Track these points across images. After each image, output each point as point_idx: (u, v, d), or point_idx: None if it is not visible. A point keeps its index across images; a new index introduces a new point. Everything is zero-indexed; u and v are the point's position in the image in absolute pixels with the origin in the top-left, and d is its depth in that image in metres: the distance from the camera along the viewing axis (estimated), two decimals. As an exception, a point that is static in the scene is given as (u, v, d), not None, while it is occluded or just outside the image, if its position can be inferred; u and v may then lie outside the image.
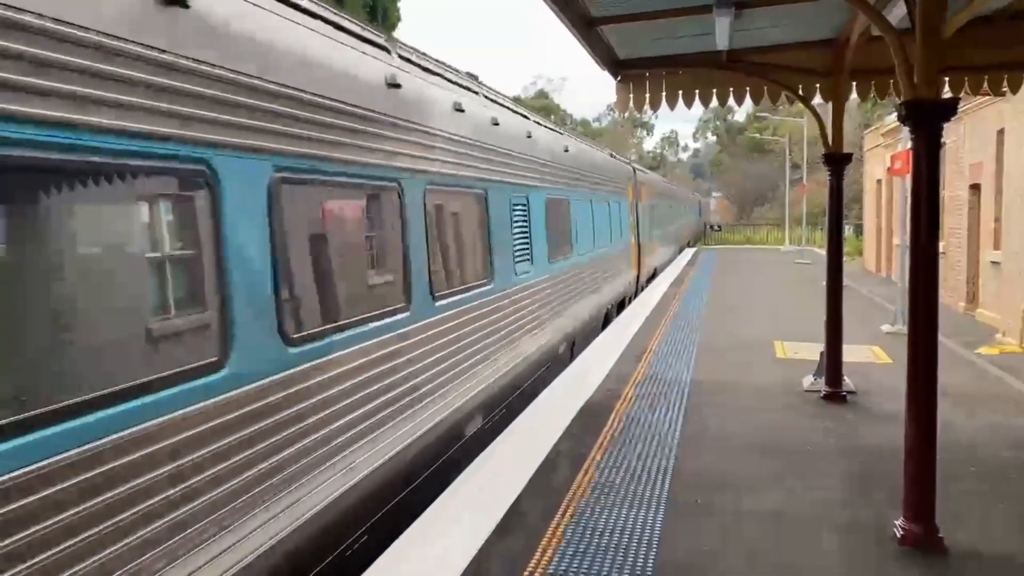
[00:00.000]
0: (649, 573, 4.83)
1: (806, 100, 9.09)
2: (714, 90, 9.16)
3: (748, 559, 5.06)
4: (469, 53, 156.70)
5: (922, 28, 4.94)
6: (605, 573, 4.84)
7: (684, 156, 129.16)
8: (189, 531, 3.55)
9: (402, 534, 5.36)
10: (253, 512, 4.03)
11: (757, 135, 70.22)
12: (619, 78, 9.35)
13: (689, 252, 39.17)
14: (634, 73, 9.31)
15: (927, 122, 4.98)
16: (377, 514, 5.52)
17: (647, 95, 9.33)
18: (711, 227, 58.36)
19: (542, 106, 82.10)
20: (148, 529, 3.30)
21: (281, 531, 4.25)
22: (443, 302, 6.92)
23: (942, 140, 5.20)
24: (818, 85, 8.96)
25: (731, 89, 9.16)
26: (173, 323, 3.75)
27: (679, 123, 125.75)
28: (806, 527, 5.55)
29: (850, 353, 10.84)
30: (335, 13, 5.38)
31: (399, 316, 6.00)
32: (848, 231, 44.93)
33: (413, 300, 6.25)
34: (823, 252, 19.65)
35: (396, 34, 36.62)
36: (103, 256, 3.44)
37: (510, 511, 5.80)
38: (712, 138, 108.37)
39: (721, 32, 7.39)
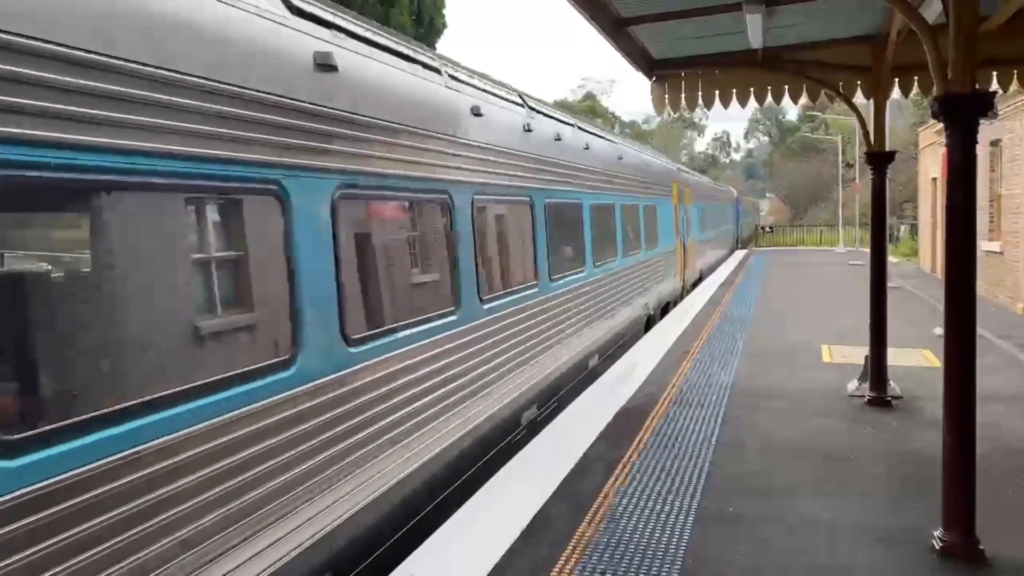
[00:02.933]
0: (675, 581, 4.74)
1: (847, 98, 8.88)
2: (751, 89, 9.01)
3: (779, 569, 4.94)
4: (515, 56, 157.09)
5: (956, 22, 4.78)
6: (630, 581, 4.77)
7: (737, 157, 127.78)
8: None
9: (432, 534, 5.38)
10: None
11: (809, 134, 69.02)
12: (654, 78, 9.26)
13: (740, 254, 38.63)
14: (669, 73, 9.21)
15: (962, 117, 4.81)
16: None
17: (682, 95, 9.22)
18: (762, 228, 57.44)
19: (588, 108, 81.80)
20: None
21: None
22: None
23: (999, 138, 5.03)
24: (859, 82, 8.75)
25: (768, 88, 9.00)
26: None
27: (730, 123, 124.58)
28: (842, 536, 5.40)
29: (899, 357, 10.58)
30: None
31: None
32: (904, 231, 43.92)
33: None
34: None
35: (442, 41, 36.87)
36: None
37: (538, 515, 5.76)
38: (764, 138, 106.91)
39: (754, 30, 7.26)
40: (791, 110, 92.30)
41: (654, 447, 7.43)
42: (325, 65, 4.79)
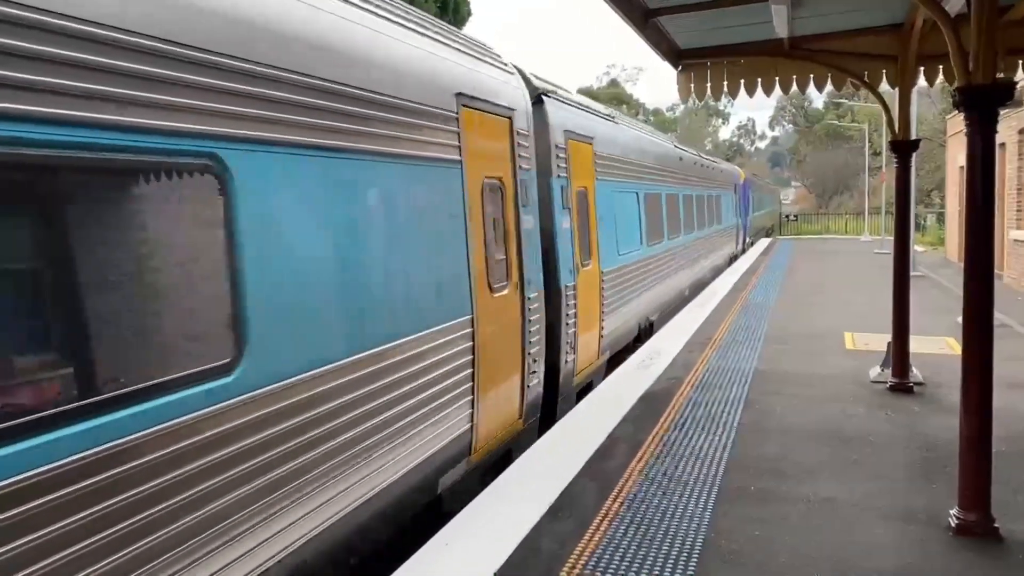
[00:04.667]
0: (696, 558, 4.93)
1: (872, 87, 8.96)
2: (776, 78, 9.08)
3: (799, 546, 5.10)
4: (540, 43, 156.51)
5: (978, 13, 4.88)
6: (652, 557, 4.96)
7: (762, 145, 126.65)
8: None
9: (458, 513, 5.60)
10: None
11: (835, 122, 68.37)
12: (680, 68, 9.37)
13: (754, 253, 38.44)
14: (695, 62, 9.31)
15: (981, 107, 4.92)
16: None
17: (708, 84, 9.32)
18: (786, 217, 57.06)
19: (613, 96, 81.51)
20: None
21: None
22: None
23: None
24: (884, 71, 8.81)
25: (794, 76, 9.07)
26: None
27: (756, 111, 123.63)
28: (861, 516, 5.55)
29: (923, 344, 10.66)
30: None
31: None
32: (931, 220, 43.56)
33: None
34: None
35: (466, 29, 36.93)
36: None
37: (564, 493, 5.96)
38: (790, 126, 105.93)
39: (779, 20, 7.37)
40: (817, 97, 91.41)
41: (677, 429, 7.60)
42: None
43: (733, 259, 28.95)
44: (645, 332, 13.29)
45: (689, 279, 18.64)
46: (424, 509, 5.85)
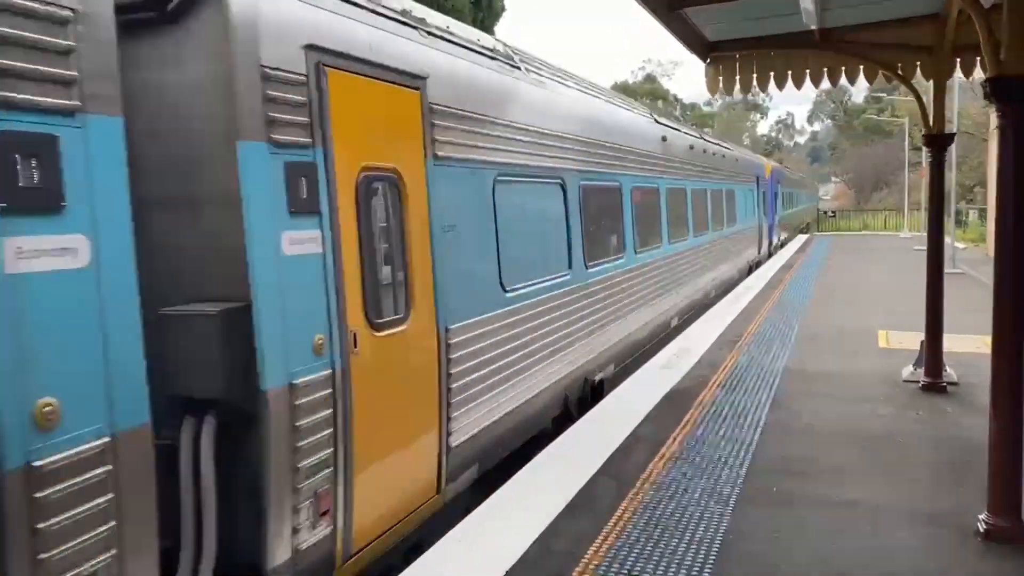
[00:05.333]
0: (712, 560, 4.83)
1: (905, 79, 8.74)
2: (807, 71, 8.91)
3: (819, 550, 4.98)
4: (574, 38, 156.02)
5: (1010, 2, 4.71)
6: (668, 559, 4.87)
7: (801, 140, 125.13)
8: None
9: (478, 507, 5.56)
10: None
11: (875, 116, 67.16)
12: (708, 61, 9.22)
13: (800, 239, 37.91)
14: (724, 55, 9.16)
15: (1014, 98, 4.76)
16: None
17: (737, 77, 9.17)
18: (824, 213, 56.18)
19: (649, 92, 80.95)
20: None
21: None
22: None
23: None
24: (918, 63, 8.59)
25: (825, 69, 8.89)
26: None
27: (795, 105, 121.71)
28: (885, 519, 5.41)
29: (958, 343, 10.40)
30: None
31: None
32: (973, 216, 42.64)
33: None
34: (947, 239, 18.59)
35: (500, 25, 36.87)
36: None
37: (580, 492, 5.89)
38: (829, 121, 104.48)
39: (808, 11, 7.20)
40: (857, 92, 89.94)
41: (701, 429, 7.49)
42: None
43: (754, 267, 24.20)
44: (589, 397, 8.91)
45: (679, 302, 13.84)
46: None
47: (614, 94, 11.82)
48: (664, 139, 12.92)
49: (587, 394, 8.85)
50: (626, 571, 4.70)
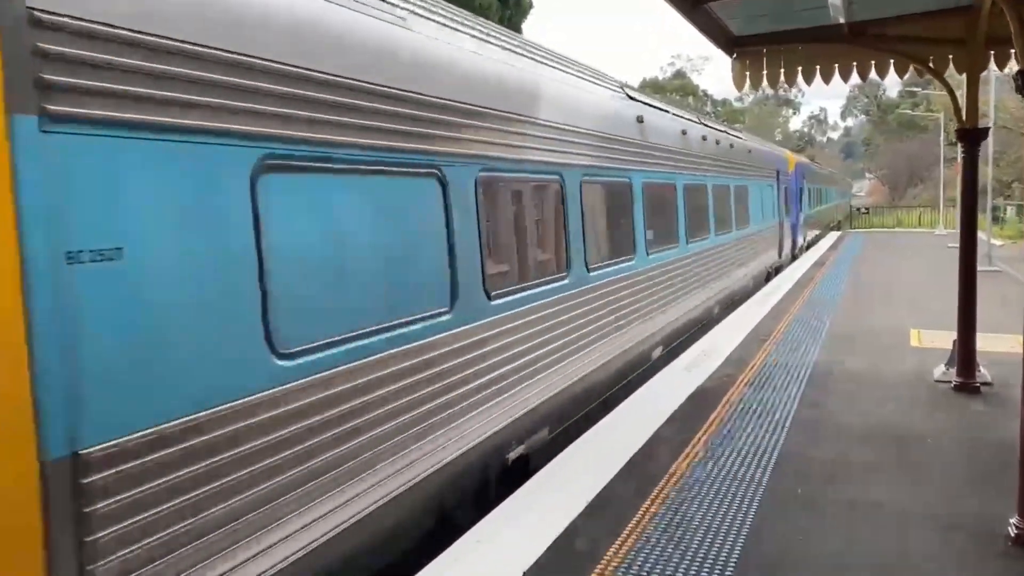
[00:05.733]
0: (734, 562, 4.75)
1: (937, 73, 8.56)
2: (835, 65, 8.77)
3: (843, 554, 4.89)
4: (603, 33, 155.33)
5: (1043, -10, 4.58)
6: (688, 562, 4.80)
7: (834, 135, 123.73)
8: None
9: (496, 507, 5.53)
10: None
11: (909, 111, 66.11)
12: (734, 55, 9.11)
13: (832, 236, 37.41)
14: (750, 50, 9.04)
15: (1045, 92, 4.62)
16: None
17: (764, 72, 9.05)
18: (858, 210, 55.37)
19: (679, 88, 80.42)
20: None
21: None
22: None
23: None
24: (951, 56, 8.41)
25: (854, 63, 8.74)
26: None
27: (827, 100, 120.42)
28: (912, 522, 5.30)
29: (994, 343, 10.18)
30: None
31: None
32: (1011, 212, 41.85)
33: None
34: (980, 235, 18.19)
35: (528, 22, 36.78)
36: None
37: (601, 494, 5.83)
38: (863, 116, 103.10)
39: (834, 4, 7.08)
40: (891, 87, 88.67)
41: (725, 429, 7.39)
42: None
43: (772, 273, 21.46)
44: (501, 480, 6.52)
45: (657, 330, 10.67)
46: None
47: (563, 57, 8.41)
48: (640, 120, 10.03)
49: (501, 476, 6.44)
50: (646, 572, 4.64)
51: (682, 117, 13.01)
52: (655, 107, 11.35)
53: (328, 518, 4.37)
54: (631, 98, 10.08)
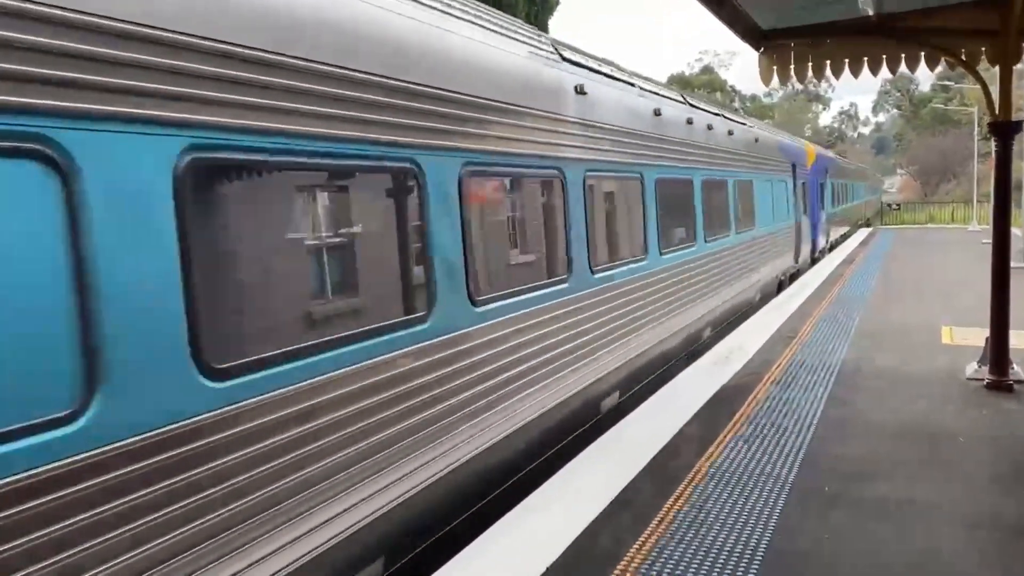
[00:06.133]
0: (759, 560, 4.71)
1: (969, 65, 8.41)
2: (864, 58, 8.65)
3: (870, 553, 4.82)
4: (629, 29, 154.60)
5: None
6: (711, 560, 4.77)
7: (865, 131, 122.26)
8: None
9: (518, 504, 5.53)
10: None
11: (942, 105, 65.11)
12: (761, 50, 9.02)
13: (862, 233, 36.93)
14: (777, 44, 8.95)
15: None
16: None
17: (791, 66, 8.95)
18: (888, 206, 54.63)
19: (706, 83, 79.85)
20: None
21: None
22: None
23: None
24: (983, 48, 8.26)
25: (883, 57, 8.62)
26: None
27: (858, 95, 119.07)
28: (943, 521, 5.21)
29: (1027, 340, 10.00)
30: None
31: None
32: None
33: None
34: (1018, 231, 17.80)
35: (554, 18, 36.68)
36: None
37: (625, 490, 5.81)
38: (894, 111, 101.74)
39: (864, -4, 6.99)
40: (924, 81, 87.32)
41: (751, 427, 7.33)
42: None
43: (786, 281, 19.25)
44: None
45: (622, 360, 8.52)
46: None
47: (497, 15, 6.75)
48: (581, 91, 7.56)
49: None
50: (669, 569, 4.62)
51: (664, 96, 10.57)
52: (624, 81, 9.05)
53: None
54: (565, 60, 7.61)
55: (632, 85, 9.26)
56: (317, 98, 4.26)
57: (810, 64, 8.94)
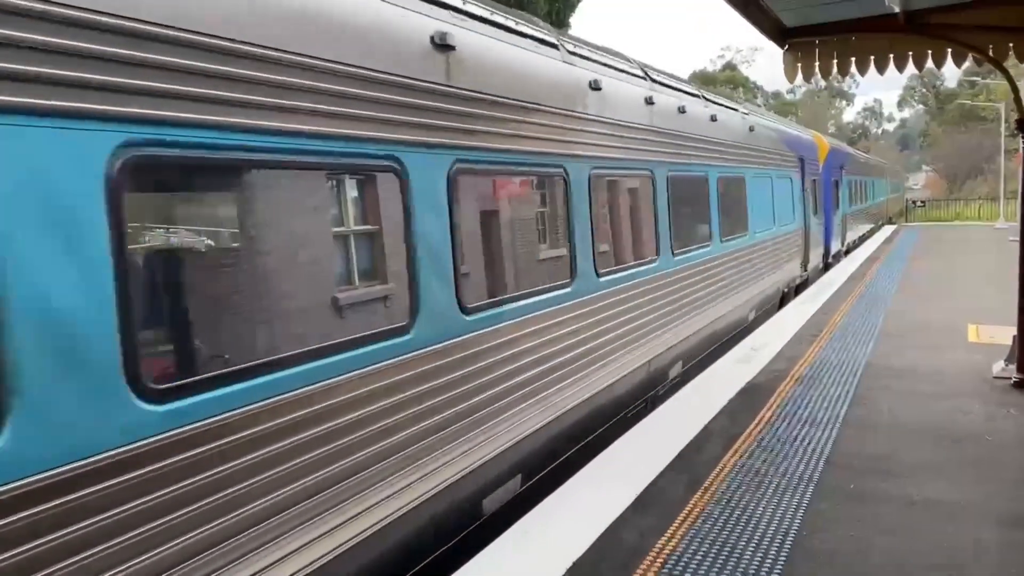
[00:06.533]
0: (784, 557, 4.73)
1: (997, 62, 8.35)
2: (890, 55, 8.59)
3: (896, 548, 4.83)
4: (651, 26, 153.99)
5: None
6: (738, 554, 4.79)
7: (889, 127, 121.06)
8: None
9: (544, 499, 5.58)
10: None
11: (969, 101, 64.31)
12: (786, 47, 8.99)
13: (887, 231, 36.57)
14: (802, 41, 8.91)
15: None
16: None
17: (816, 63, 8.91)
18: (913, 203, 54.07)
19: (728, 79, 79.47)
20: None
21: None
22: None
23: None
24: (1011, 44, 8.19)
25: (910, 53, 8.55)
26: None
27: (882, 91, 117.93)
28: (968, 519, 5.20)
29: (1054, 338, 9.91)
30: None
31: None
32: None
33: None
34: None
35: (576, 16, 36.67)
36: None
37: (651, 486, 5.84)
38: (920, 107, 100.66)
39: (891, -8, 6.95)
40: (950, 76, 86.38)
41: (776, 424, 7.33)
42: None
43: (791, 294, 16.81)
44: None
45: (583, 394, 7.06)
46: None
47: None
48: (521, 56, 6.34)
49: None
50: (695, 565, 4.65)
51: (638, 75, 8.88)
52: (594, 59, 7.74)
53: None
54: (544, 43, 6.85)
55: (615, 68, 8.22)
56: (272, 88, 3.82)
57: (835, 61, 8.89)
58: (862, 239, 30.16)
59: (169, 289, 3.63)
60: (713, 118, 11.37)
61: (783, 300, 16.14)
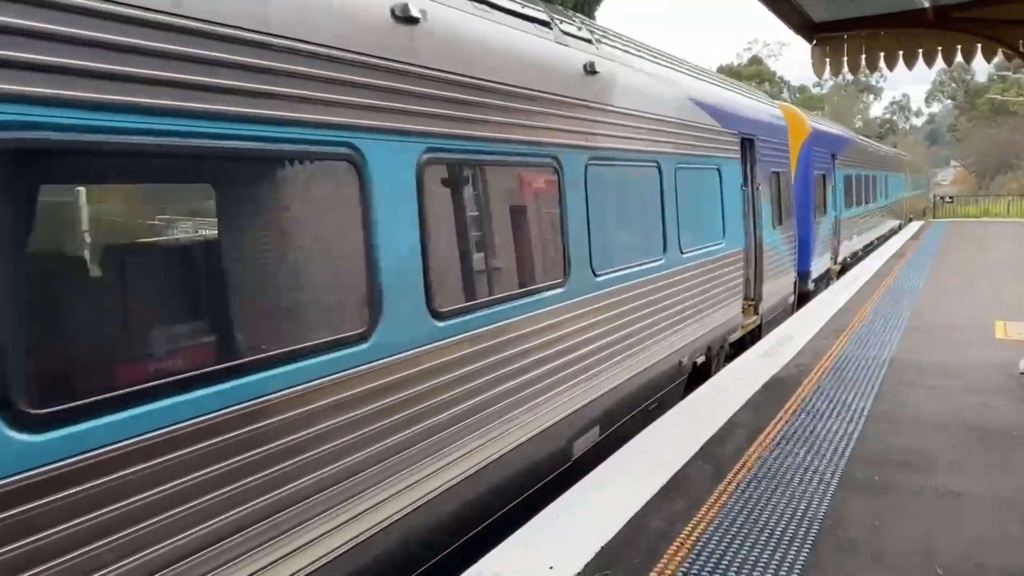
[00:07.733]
0: (808, 547, 4.80)
1: (1027, 57, 8.34)
2: (919, 50, 8.60)
3: (920, 538, 4.88)
4: (679, 19, 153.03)
5: None
6: (764, 541, 4.87)
7: (918, 122, 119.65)
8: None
9: (570, 488, 5.68)
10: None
11: (999, 96, 63.41)
12: (814, 42, 9.01)
13: (914, 227, 36.20)
14: (830, 36, 8.93)
15: None
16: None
17: (844, 58, 8.93)
18: (941, 199, 53.49)
19: (756, 73, 78.93)
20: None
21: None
22: None
23: None
24: (1041, 39, 8.18)
25: (939, 48, 8.56)
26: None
27: (910, 85, 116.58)
28: (992, 512, 5.25)
29: (1084, 334, 9.88)
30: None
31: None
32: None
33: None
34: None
35: (602, 9, 36.55)
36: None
37: (676, 475, 5.93)
38: (948, 101, 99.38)
39: (920, -12, 6.97)
40: (980, 71, 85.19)
41: (801, 417, 7.38)
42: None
43: (719, 355, 10.40)
44: None
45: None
46: None
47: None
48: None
49: None
50: (720, 552, 4.74)
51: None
52: None
53: None
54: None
55: None
56: (192, 64, 3.22)
57: (863, 56, 8.91)
58: (874, 245, 26.21)
59: (70, 291, 3.13)
60: (586, 68, 6.75)
61: (704, 368, 9.76)
